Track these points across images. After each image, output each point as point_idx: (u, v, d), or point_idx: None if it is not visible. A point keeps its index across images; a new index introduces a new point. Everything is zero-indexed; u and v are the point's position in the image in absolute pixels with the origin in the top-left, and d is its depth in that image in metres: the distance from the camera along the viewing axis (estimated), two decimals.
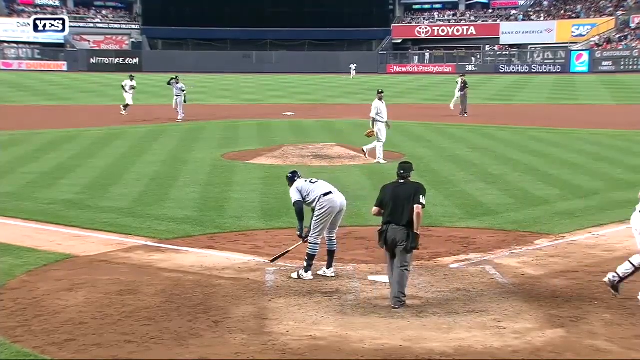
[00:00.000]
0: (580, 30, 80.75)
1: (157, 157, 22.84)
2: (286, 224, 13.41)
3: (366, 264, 11.05)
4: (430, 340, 7.99)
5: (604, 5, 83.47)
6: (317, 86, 62.29)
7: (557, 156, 22.45)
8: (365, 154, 21.93)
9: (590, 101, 44.89)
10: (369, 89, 59.33)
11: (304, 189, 10.48)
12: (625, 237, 12.43)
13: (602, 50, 74.82)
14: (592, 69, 72.35)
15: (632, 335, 8.02)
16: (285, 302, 9.30)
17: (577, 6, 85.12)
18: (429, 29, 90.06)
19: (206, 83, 63.34)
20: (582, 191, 16.61)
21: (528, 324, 8.41)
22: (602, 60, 73.50)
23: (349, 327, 8.41)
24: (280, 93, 55.44)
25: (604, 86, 55.71)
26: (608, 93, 50.44)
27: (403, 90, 56.63)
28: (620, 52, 73.50)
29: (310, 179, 10.70)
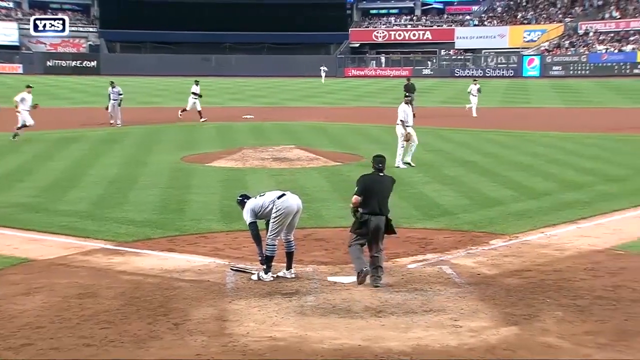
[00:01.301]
0: (531, 36, 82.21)
1: (116, 160, 22.55)
2: (246, 226, 13.33)
3: (326, 265, 11.05)
4: (388, 339, 8.03)
5: (554, 12, 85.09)
6: (275, 89, 62.22)
7: (510, 158, 22.78)
8: (410, 164, 20.77)
9: (542, 104, 45.68)
10: (327, 92, 59.53)
11: (257, 206, 10.41)
12: (575, 237, 12.69)
13: (552, 56, 76.28)
14: (543, 74, 73.70)
15: (582, 332, 8.16)
16: (246, 304, 9.25)
17: (528, 13, 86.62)
18: (385, 33, 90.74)
19: (164, 87, 62.79)
20: (534, 192, 16.87)
21: (483, 323, 8.51)
22: (552, 65, 74.91)
23: (309, 327, 8.41)
24: (239, 96, 55.23)
25: (554, 90, 56.75)
26: (558, 97, 51.39)
27: (361, 94, 56.93)
28: (570, 58, 75.03)
29: (258, 194, 10.67)
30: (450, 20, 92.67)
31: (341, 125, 33.27)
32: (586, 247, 11.98)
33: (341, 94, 57.19)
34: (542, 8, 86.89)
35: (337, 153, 24.25)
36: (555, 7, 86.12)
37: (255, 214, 10.42)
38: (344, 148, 25.78)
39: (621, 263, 10.95)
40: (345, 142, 27.64)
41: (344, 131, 31.14)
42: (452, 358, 7.53)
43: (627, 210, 14.77)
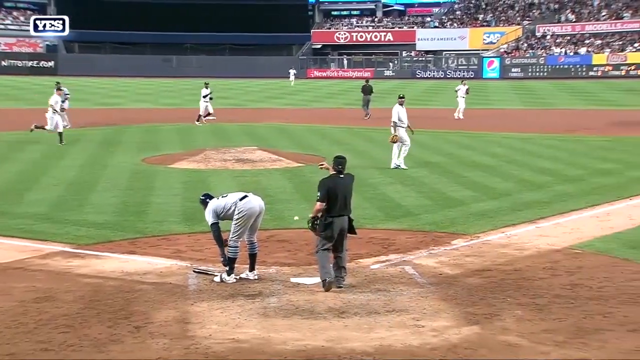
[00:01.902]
0: (491, 38, 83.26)
1: (75, 162, 22.23)
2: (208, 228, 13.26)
3: (289, 266, 11.05)
4: (351, 340, 8.06)
5: (512, 15, 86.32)
6: (238, 90, 61.98)
7: (471, 158, 23.03)
8: (401, 165, 20.66)
9: (502, 106, 46.30)
10: (289, 93, 59.50)
11: (219, 207, 10.37)
12: (534, 237, 12.89)
13: (511, 58, 77.35)
14: (503, 75, 74.72)
15: (540, 330, 8.29)
16: (208, 306, 9.20)
17: (487, 15, 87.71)
18: (347, 34, 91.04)
19: (124, 88, 62.10)
20: (495, 192, 17.08)
21: (445, 322, 8.58)
22: (511, 67, 76.00)
23: (272, 329, 8.39)
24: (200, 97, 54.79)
25: (513, 91, 57.57)
26: (517, 98, 52.13)
27: (323, 95, 57.04)
28: (528, 60, 76.18)
29: (221, 195, 10.62)
30: (411, 22, 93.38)
31: (303, 127, 33.29)
32: (545, 246, 12.17)
33: (303, 95, 57.22)
34: (501, 11, 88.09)
35: (300, 154, 24.26)
36: (513, 10, 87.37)
37: (217, 215, 10.37)
38: (307, 149, 25.80)
39: (578, 262, 11.15)
40: (308, 143, 27.67)
41: (306, 132, 31.16)
42: (414, 358, 7.58)
43: (584, 210, 15.04)
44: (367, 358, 7.58)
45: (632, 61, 69.72)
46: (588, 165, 21.28)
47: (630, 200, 15.99)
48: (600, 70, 70.73)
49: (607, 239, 12.56)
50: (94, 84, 67.77)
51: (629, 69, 69.36)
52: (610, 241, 12.37)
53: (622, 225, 13.51)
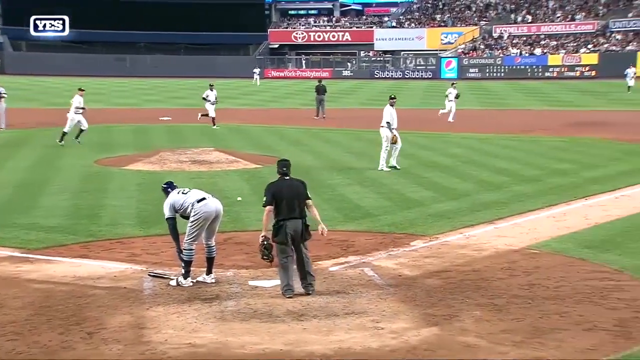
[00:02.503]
0: (448, 38, 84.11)
1: (23, 164, 21.80)
2: (164, 230, 13.09)
3: (246, 269, 11.00)
4: (310, 343, 8.06)
5: (469, 15, 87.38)
6: (194, 90, 61.46)
7: (430, 159, 23.23)
8: (396, 166, 20.64)
9: (459, 106, 46.76)
10: (246, 93, 59.28)
11: (177, 202, 10.29)
12: (492, 237, 13.06)
13: (469, 58, 78.26)
14: (461, 75, 75.47)
15: (499, 331, 8.40)
16: (164, 310, 9.11)
17: (445, 15, 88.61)
18: (305, 34, 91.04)
19: (76, 87, 61.02)
20: (453, 193, 17.26)
21: (405, 324, 8.64)
22: (469, 67, 76.86)
23: (230, 333, 8.35)
24: (156, 97, 54.35)
25: (471, 92, 58.22)
26: (475, 98, 52.75)
27: (281, 95, 56.97)
28: (485, 60, 77.14)
29: (183, 190, 10.52)
30: (369, 22, 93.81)
31: (261, 127, 33.20)
32: (503, 246, 12.34)
33: (261, 95, 57.07)
34: (458, 11, 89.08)
35: (258, 155, 24.19)
36: (470, 11, 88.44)
37: (175, 210, 10.29)
38: (265, 150, 25.73)
39: (536, 262, 11.33)
40: (266, 144, 27.60)
41: (264, 133, 31.08)
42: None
43: (541, 210, 15.29)
44: None
45: (586, 62, 71.17)
46: (545, 165, 21.65)
47: (586, 200, 16.31)
48: (556, 71, 72.01)
49: (564, 239, 12.79)
50: (43, 83, 66.59)
51: (584, 70, 70.80)
52: (567, 241, 12.60)
53: (577, 225, 13.77)
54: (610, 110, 41.34)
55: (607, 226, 13.68)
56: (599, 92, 54.67)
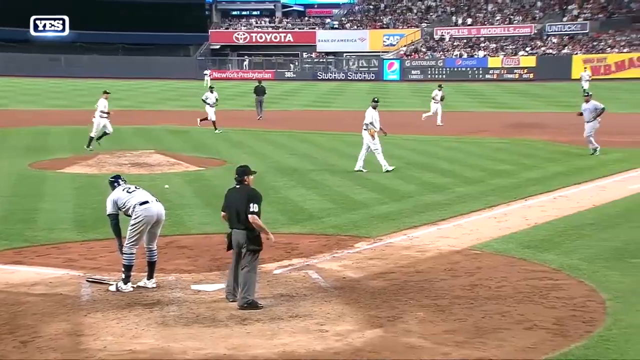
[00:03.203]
0: (390, 40, 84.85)
1: None
2: (103, 235, 12.92)
3: (189, 273, 10.90)
4: (254, 347, 8.03)
5: (410, 18, 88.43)
6: (132, 92, 60.61)
7: (373, 161, 23.37)
8: (359, 170, 20.76)
9: (402, 108, 47.31)
10: (188, 95, 58.69)
11: (120, 200, 10.15)
12: (435, 238, 13.24)
13: (411, 60, 79.17)
14: (403, 77, 76.28)
15: (442, 331, 8.52)
16: (103, 317, 8.95)
17: (386, 17, 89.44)
18: (247, 35, 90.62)
19: (8, 87, 59.59)
20: (397, 195, 17.43)
21: (349, 326, 8.69)
22: (411, 69, 77.72)
23: (171, 338, 8.26)
24: (93, 99, 53.13)
25: (413, 94, 58.93)
26: (417, 100, 53.41)
27: (223, 96, 56.50)
28: (427, 62, 78.15)
29: (129, 188, 10.37)
30: (312, 23, 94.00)
31: (202, 129, 32.92)
32: (446, 247, 12.53)
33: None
34: (400, 13, 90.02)
35: (200, 158, 24.00)
36: (412, 13, 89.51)
37: (117, 207, 10.13)
38: (207, 152, 25.55)
39: (478, 263, 11.54)
40: (208, 146, 27.41)
41: (206, 135, 30.84)
42: None
43: (482, 211, 15.58)
44: None
45: (525, 65, 72.83)
46: (486, 167, 22.05)
47: (526, 201, 16.68)
48: (496, 73, 73.46)
49: (504, 239, 13.05)
50: None
51: (522, 72, 72.42)
52: (507, 241, 12.86)
53: (518, 226, 14.07)
54: (548, 112, 42.34)
55: (546, 226, 14.02)
56: (536, 94, 55.93)
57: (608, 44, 72.06)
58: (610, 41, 72.38)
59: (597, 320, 8.77)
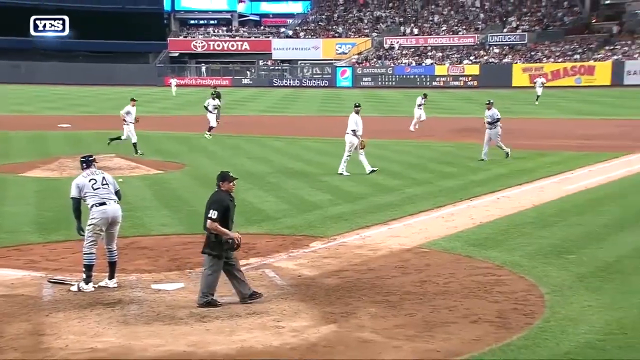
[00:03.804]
0: (343, 49, 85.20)
1: None
2: (64, 237, 12.69)
3: (149, 273, 10.77)
4: (213, 343, 7.97)
5: (362, 27, 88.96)
6: (95, 98, 59.72)
7: (328, 164, 23.43)
8: (371, 170, 20.77)
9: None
10: (148, 101, 58.02)
11: (83, 187, 10.02)
12: (387, 237, 13.32)
13: (362, 68, 79.60)
14: (355, 84, 76.67)
15: (393, 326, 8.57)
16: (65, 316, 8.78)
17: (339, 27, 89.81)
18: (204, 43, 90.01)
19: None
20: (350, 196, 17.48)
21: (304, 322, 8.68)
22: (363, 76, 78.15)
23: (132, 336, 8.14)
24: (54, 105, 52.37)
25: (365, 100, 59.23)
26: (370, 106, 53.71)
27: (182, 103, 56.10)
28: (378, 69, 78.69)
29: (94, 182, 10.09)
30: (267, 32, 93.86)
31: (163, 134, 32.59)
32: (396, 246, 12.61)
33: (162, 103, 56.05)
34: (352, 23, 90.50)
35: (160, 161, 23.74)
36: (362, 23, 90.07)
37: (79, 192, 9.97)
38: (166, 156, 25.28)
39: (426, 260, 11.63)
40: (168, 150, 27.12)
41: (166, 139, 30.53)
42: (275, 358, 7.61)
43: (431, 211, 15.72)
44: None
45: (469, 73, 73.87)
46: (435, 169, 22.26)
47: (471, 201, 16.89)
48: (442, 81, 74.34)
49: (451, 237, 13.18)
50: None
51: (467, 79, 73.43)
52: (454, 240, 13.00)
53: (464, 225, 14.23)
54: None
55: (490, 225, 14.22)
56: (479, 100, 56.70)
57: (544, 54, 73.62)
58: (546, 51, 73.97)
59: (537, 313, 8.92)
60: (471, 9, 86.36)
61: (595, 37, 75.28)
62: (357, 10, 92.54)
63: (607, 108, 45.89)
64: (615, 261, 11.30)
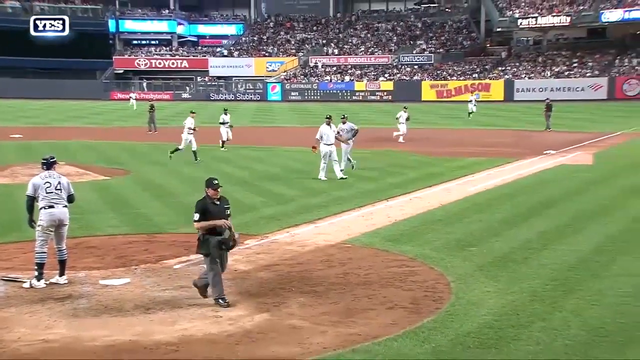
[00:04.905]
0: (273, 66, 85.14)
1: None
2: (16, 238, 12.21)
3: (98, 270, 10.49)
4: (157, 333, 7.84)
5: (289, 47, 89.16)
6: (43, 110, 57.66)
7: (261, 170, 23.36)
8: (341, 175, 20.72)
9: (284, 124, 47.58)
10: (94, 113, 56.50)
11: (37, 189, 9.70)
12: (314, 234, 13.37)
13: (290, 83, 79.71)
14: (284, 98, 76.68)
15: (319, 313, 8.61)
16: (17, 311, 8.45)
17: (269, 47, 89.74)
18: (147, 61, 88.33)
19: None
20: (282, 198, 17.45)
21: (240, 312, 8.63)
22: (291, 91, 78.23)
23: (81, 328, 7.92)
24: (5, 116, 50.29)
25: (293, 112, 59.37)
26: (296, 117, 53.83)
27: (126, 115, 54.80)
28: (304, 85, 78.95)
29: (49, 185, 9.72)
30: (204, 51, 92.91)
31: (110, 143, 31.76)
32: (322, 242, 12.67)
33: (108, 115, 54.67)
34: (280, 44, 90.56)
35: (106, 168, 23.12)
36: (290, 44, 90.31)
37: (35, 191, 9.68)
38: (113, 164, 24.64)
39: (349, 254, 11.73)
40: (114, 158, 26.45)
41: (112, 149, 29.77)
42: (214, 344, 7.54)
43: (353, 211, 15.86)
44: (171, 347, 7.42)
45: (384, 88, 75.03)
46: (355, 173, 22.45)
47: (388, 201, 17.13)
48: (361, 95, 75.17)
49: (371, 234, 13.33)
50: None
51: (383, 94, 74.54)
52: (373, 236, 13.15)
53: (381, 223, 14.41)
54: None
55: (404, 222, 14.45)
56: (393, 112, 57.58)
57: (448, 73, 75.66)
58: (450, 70, 76.06)
59: (444, 299, 9.13)
60: (385, 32, 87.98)
61: (490, 59, 78.10)
62: (284, 33, 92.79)
63: (502, 120, 47.62)
64: (509, 252, 11.67)
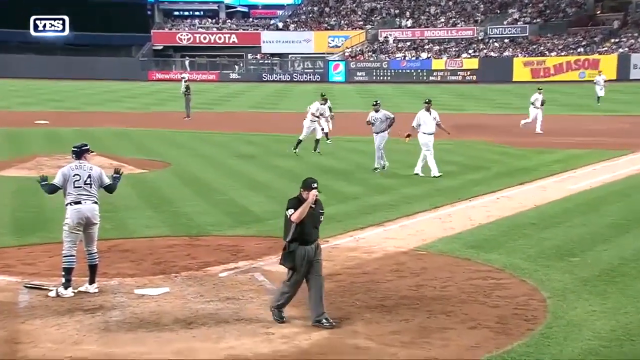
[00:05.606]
0: (335, 42, 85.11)
1: None
2: (42, 239, 12.65)
3: (132, 277, 10.74)
4: (200, 351, 7.96)
5: (355, 19, 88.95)
6: (73, 93, 59.52)
7: (318, 162, 23.45)
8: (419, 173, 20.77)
9: (347, 109, 47.57)
10: (129, 96, 57.90)
11: (66, 179, 9.94)
12: (382, 239, 13.33)
13: (356, 62, 79.61)
14: (348, 79, 76.58)
15: (388, 332, 8.58)
16: (42, 323, 8.74)
17: (331, 19, 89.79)
18: (190, 35, 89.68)
19: None
20: (342, 196, 17.47)
21: (295, 328, 8.68)
22: (356, 70, 78.11)
23: (114, 344, 8.12)
24: (30, 100, 52.14)
25: (358, 95, 59.30)
26: (362, 101, 53.74)
27: (166, 98, 55.97)
28: (372, 64, 78.67)
29: (78, 178, 9.96)
30: (256, 24, 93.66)
31: (145, 131, 32.52)
32: (392, 248, 12.62)
33: (145, 99, 55.94)
34: (344, 15, 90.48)
35: (143, 160, 23.67)
36: (356, 15, 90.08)
37: (63, 182, 9.92)
38: (150, 155, 25.21)
39: (423, 263, 11.65)
40: (151, 148, 27.06)
41: (149, 137, 30.46)
42: None
43: (428, 212, 15.75)
44: None
45: (468, 67, 73.95)
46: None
47: (470, 201, 16.93)
48: (440, 75, 74.39)
49: (449, 239, 13.21)
50: None
51: (465, 74, 73.53)
52: (452, 242, 13.02)
53: (462, 226, 14.26)
54: (489, 114, 43.07)
55: (489, 226, 14.25)
56: (477, 96, 56.86)
57: (547, 47, 73.78)
58: (549, 44, 74.14)
59: (539, 318, 8.95)
60: (470, 0, 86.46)
61: (600, 29, 75.48)
62: (350, 2, 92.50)
63: (612, 105, 46.00)
64: (620, 264, 11.35)
